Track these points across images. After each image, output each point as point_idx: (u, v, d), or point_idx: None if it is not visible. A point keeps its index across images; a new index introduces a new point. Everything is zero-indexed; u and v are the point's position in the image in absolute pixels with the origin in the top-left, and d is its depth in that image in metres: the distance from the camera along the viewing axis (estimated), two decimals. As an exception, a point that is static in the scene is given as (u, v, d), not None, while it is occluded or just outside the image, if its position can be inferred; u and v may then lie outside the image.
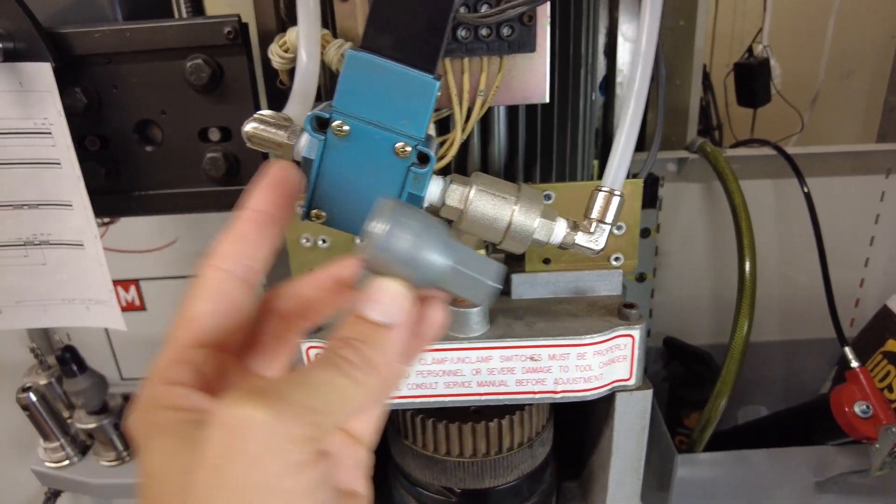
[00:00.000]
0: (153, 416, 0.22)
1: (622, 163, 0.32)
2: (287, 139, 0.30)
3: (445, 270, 0.24)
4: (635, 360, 0.39)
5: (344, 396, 0.21)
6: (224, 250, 0.25)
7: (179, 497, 0.19)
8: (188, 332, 0.24)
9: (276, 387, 0.20)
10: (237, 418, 0.19)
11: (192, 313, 0.24)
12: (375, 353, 0.22)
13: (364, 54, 0.27)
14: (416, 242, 0.23)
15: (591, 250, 0.32)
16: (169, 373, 0.23)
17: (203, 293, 0.24)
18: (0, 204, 0.50)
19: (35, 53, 0.46)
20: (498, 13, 0.31)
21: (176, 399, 0.22)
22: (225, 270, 0.24)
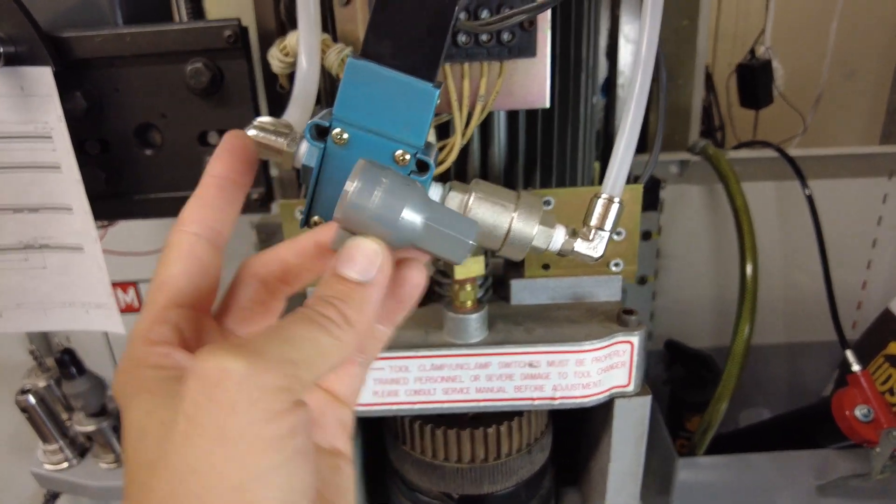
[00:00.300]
0: (136, 375, 0.22)
1: (622, 169, 0.32)
2: (287, 146, 0.29)
3: (420, 228, 0.24)
4: (634, 366, 0.39)
5: (321, 351, 0.21)
6: (190, 215, 0.26)
7: (158, 447, 0.20)
8: (164, 294, 0.24)
9: (253, 340, 0.20)
10: (213, 368, 0.19)
11: (166, 276, 0.25)
12: (352, 310, 0.22)
13: (364, 62, 0.27)
14: (389, 199, 0.23)
15: (591, 258, 0.32)
16: (149, 333, 0.23)
17: (174, 256, 0.25)
18: (1, 207, 0.50)
19: (36, 57, 0.46)
20: (500, 20, 0.31)
21: (156, 358, 0.23)
22: (193, 234, 0.25)
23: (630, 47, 0.67)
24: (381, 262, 0.23)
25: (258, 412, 0.19)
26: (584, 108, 0.48)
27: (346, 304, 0.22)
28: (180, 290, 0.24)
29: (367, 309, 0.23)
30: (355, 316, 0.22)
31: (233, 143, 0.27)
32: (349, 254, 0.23)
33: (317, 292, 0.23)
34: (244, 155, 0.27)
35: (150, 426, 0.20)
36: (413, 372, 0.38)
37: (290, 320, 0.22)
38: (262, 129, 0.30)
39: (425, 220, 0.24)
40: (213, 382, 0.19)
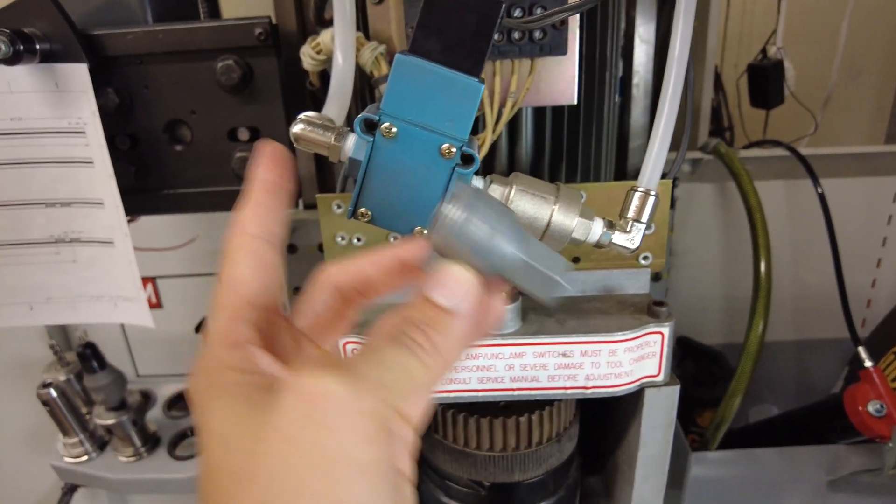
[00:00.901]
0: (217, 377, 0.22)
1: (657, 163, 0.33)
2: (334, 140, 0.30)
3: (516, 263, 0.24)
4: (664, 356, 0.40)
5: (411, 377, 0.21)
6: (247, 217, 0.26)
7: (248, 462, 0.19)
8: (237, 295, 0.24)
9: (351, 361, 0.21)
10: (314, 387, 0.19)
11: (235, 275, 0.24)
12: (442, 339, 0.22)
13: (413, 58, 0.28)
14: (486, 228, 0.23)
15: (628, 249, 0.32)
16: (229, 333, 0.23)
17: (240, 258, 0.25)
18: (33, 202, 0.51)
19: (70, 54, 0.46)
20: (544, 17, 0.32)
21: (240, 361, 0.22)
22: (254, 235, 0.25)
23: (644, 47, 0.68)
24: (473, 291, 0.23)
25: (356, 435, 0.19)
26: (608, 106, 0.49)
27: (436, 331, 0.22)
28: (253, 290, 0.24)
29: (455, 338, 0.23)
30: (444, 344, 0.22)
31: (271, 150, 0.27)
32: (441, 279, 0.23)
33: (406, 313, 0.23)
34: (284, 161, 0.27)
35: (236, 435, 0.20)
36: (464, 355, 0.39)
37: (383, 342, 0.22)
38: (309, 124, 0.31)
39: (520, 253, 0.24)
40: (312, 402, 0.19)
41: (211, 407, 0.21)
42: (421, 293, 0.23)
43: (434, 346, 0.22)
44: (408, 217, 0.30)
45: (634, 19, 0.70)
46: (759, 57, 0.90)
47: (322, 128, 0.31)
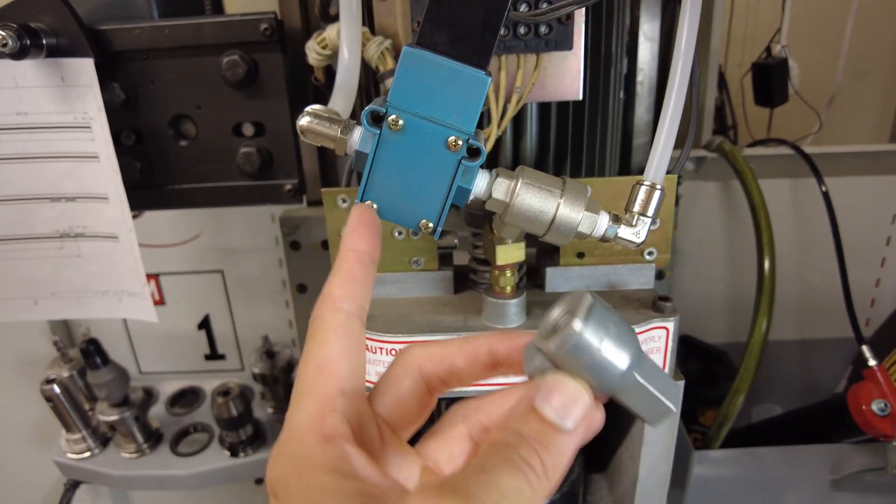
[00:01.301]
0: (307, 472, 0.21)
1: (663, 158, 0.33)
2: (340, 133, 0.30)
3: (630, 383, 0.22)
4: (669, 351, 0.40)
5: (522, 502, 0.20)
6: (340, 292, 0.24)
7: None
8: (328, 380, 0.23)
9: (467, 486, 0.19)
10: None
11: (326, 358, 0.23)
12: (553, 460, 0.21)
13: (420, 51, 0.28)
14: (613, 351, 0.21)
15: (633, 243, 0.32)
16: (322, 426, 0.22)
17: (333, 337, 0.23)
18: (39, 197, 0.51)
19: (77, 49, 0.47)
20: (550, 11, 0.32)
21: (336, 461, 0.21)
22: (345, 311, 0.24)
23: (648, 45, 0.68)
24: (586, 410, 0.22)
25: None
26: (612, 102, 0.49)
27: (548, 451, 0.21)
28: (345, 376, 0.23)
29: (564, 459, 0.21)
30: (553, 465, 0.21)
31: (366, 217, 0.26)
32: (553, 393, 0.22)
33: (514, 426, 0.22)
34: (376, 227, 0.26)
35: None
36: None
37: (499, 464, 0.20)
38: (315, 117, 0.31)
39: (637, 377, 0.22)
40: None
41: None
42: (531, 405, 0.22)
43: (544, 468, 0.21)
44: (413, 209, 0.30)
45: (639, 17, 0.70)
46: (764, 55, 0.90)
47: (329, 120, 0.31)
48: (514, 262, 0.38)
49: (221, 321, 0.92)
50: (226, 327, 0.92)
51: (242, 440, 0.81)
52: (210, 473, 0.81)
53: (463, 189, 0.30)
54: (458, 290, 0.45)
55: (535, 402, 0.22)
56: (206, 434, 0.85)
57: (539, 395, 0.22)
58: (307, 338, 0.24)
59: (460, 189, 0.30)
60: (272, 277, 0.88)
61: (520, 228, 0.33)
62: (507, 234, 0.35)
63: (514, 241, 0.37)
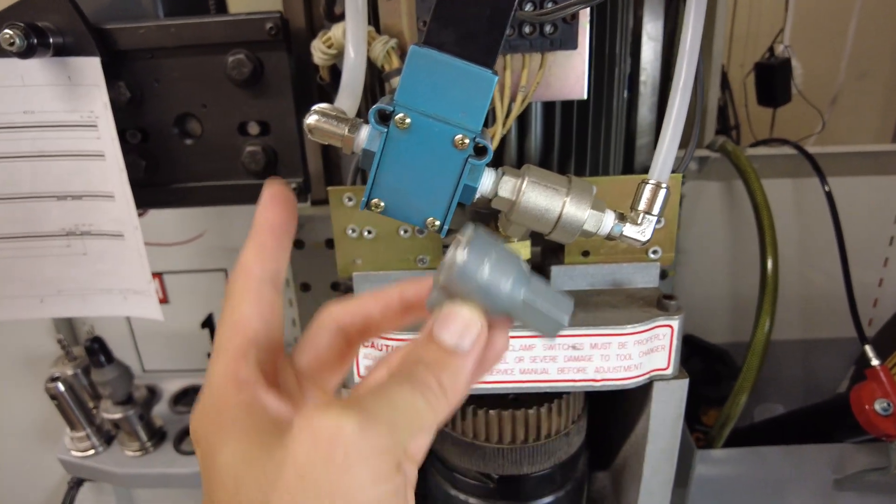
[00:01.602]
0: (224, 417, 0.22)
1: (668, 156, 0.33)
2: (347, 132, 0.31)
3: (519, 302, 0.24)
4: (673, 349, 0.40)
5: (419, 417, 0.22)
6: (250, 258, 0.26)
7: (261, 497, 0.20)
8: (240, 334, 0.24)
9: (362, 400, 0.21)
10: (328, 426, 0.19)
11: (238, 317, 0.25)
12: (449, 380, 0.23)
13: (427, 50, 0.28)
14: (495, 273, 0.24)
15: (639, 241, 0.33)
16: (234, 373, 0.23)
17: (243, 298, 0.25)
18: (45, 195, 0.51)
19: (83, 48, 0.47)
20: (556, 11, 0.32)
21: (247, 401, 0.23)
22: (256, 277, 0.26)
23: (652, 44, 0.68)
24: (479, 331, 0.24)
25: (369, 473, 0.19)
26: (617, 101, 0.49)
27: (443, 372, 0.23)
28: (256, 331, 0.25)
29: (461, 378, 0.24)
30: (451, 384, 0.23)
31: (278, 192, 0.27)
32: (448, 320, 0.24)
33: (414, 353, 0.24)
34: (288, 202, 0.28)
35: (250, 475, 0.20)
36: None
37: (395, 382, 0.22)
38: (323, 115, 0.31)
39: (526, 296, 0.25)
40: (327, 440, 0.19)
41: (219, 448, 0.22)
42: (429, 333, 0.24)
43: (441, 387, 0.23)
44: (420, 207, 0.30)
45: (642, 17, 0.70)
46: (767, 55, 0.90)
47: (336, 119, 0.31)
48: (519, 260, 0.39)
49: (225, 320, 0.92)
50: (229, 326, 0.92)
51: (245, 438, 0.82)
52: (213, 471, 0.81)
53: (469, 187, 0.31)
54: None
55: (433, 331, 0.24)
56: (209, 432, 0.85)
57: (436, 323, 0.24)
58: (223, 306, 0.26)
59: (467, 187, 0.31)
60: (275, 276, 0.88)
61: (526, 227, 0.33)
62: (513, 233, 0.35)
63: (520, 240, 0.38)
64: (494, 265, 0.24)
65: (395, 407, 0.21)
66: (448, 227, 0.31)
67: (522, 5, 0.38)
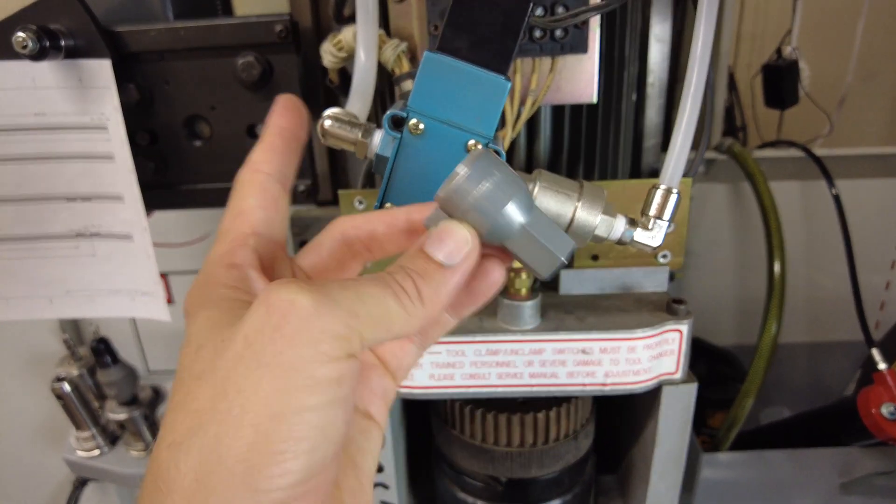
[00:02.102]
0: (207, 292, 0.23)
1: (679, 161, 0.33)
2: (361, 137, 0.31)
3: (516, 229, 0.24)
4: (682, 354, 0.40)
5: (386, 316, 0.21)
6: (260, 158, 0.27)
7: (211, 361, 0.20)
8: (242, 222, 0.25)
9: (326, 284, 0.21)
10: (283, 300, 0.19)
11: (243, 206, 0.25)
12: (428, 289, 0.22)
13: (441, 56, 0.28)
14: (495, 192, 0.23)
15: (650, 247, 0.33)
16: (230, 257, 0.24)
17: (249, 191, 0.26)
18: (55, 196, 0.51)
19: (94, 50, 0.47)
20: (569, 17, 0.32)
21: (232, 278, 0.23)
22: (264, 173, 0.26)
23: (659, 46, 0.68)
24: (469, 250, 0.23)
25: (315, 352, 0.19)
26: (625, 104, 0.49)
27: (425, 281, 0.23)
28: (257, 220, 0.25)
29: (443, 292, 0.23)
30: (430, 295, 0.22)
31: (286, 100, 0.28)
32: (440, 235, 0.23)
33: (399, 262, 0.23)
34: (298, 110, 0.28)
35: (209, 341, 0.21)
36: (469, 356, 0.39)
37: (367, 279, 0.22)
38: (337, 120, 0.31)
39: (524, 223, 0.24)
40: (279, 312, 0.19)
41: (195, 317, 0.22)
42: (419, 246, 0.24)
43: (418, 294, 0.22)
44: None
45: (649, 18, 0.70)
46: (774, 57, 0.90)
47: (349, 124, 0.31)
48: (529, 264, 0.39)
49: (230, 320, 0.92)
50: (234, 326, 0.93)
51: (250, 438, 0.82)
52: (219, 471, 0.81)
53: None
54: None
55: (423, 244, 0.23)
56: (215, 432, 0.86)
57: (428, 238, 0.24)
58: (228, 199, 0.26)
59: (479, 192, 0.30)
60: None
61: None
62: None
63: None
64: (496, 184, 0.23)
65: (361, 300, 0.21)
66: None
67: (534, 11, 0.38)
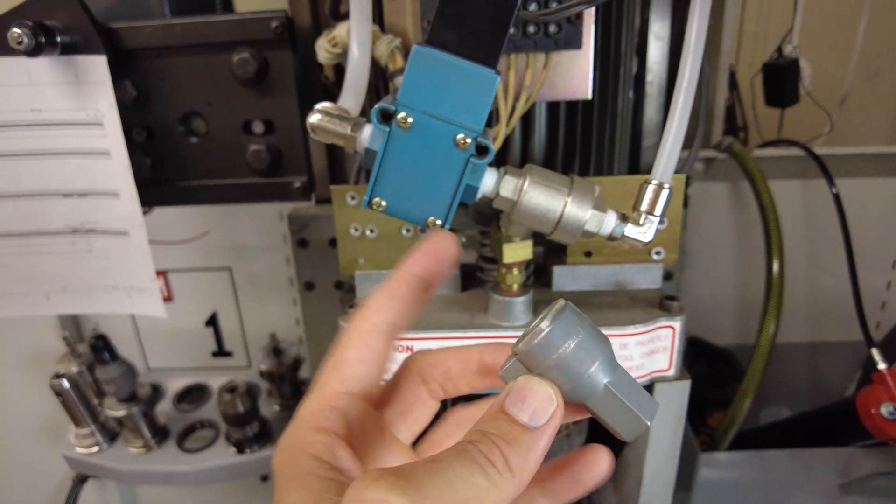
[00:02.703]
0: (296, 459, 0.23)
1: (671, 157, 0.33)
2: (350, 131, 0.31)
3: (600, 390, 0.23)
4: (675, 351, 0.40)
5: (478, 497, 0.20)
6: (376, 304, 0.26)
7: None
8: (338, 377, 0.25)
9: (414, 474, 0.20)
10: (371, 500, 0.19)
11: (342, 357, 0.25)
12: (517, 457, 0.21)
13: (430, 49, 0.28)
14: (580, 352, 0.22)
15: (641, 242, 0.32)
16: (320, 418, 0.24)
17: (353, 342, 0.26)
18: (51, 192, 0.51)
19: (90, 47, 0.47)
20: (560, 11, 0.32)
21: (320, 448, 0.23)
22: (373, 323, 0.26)
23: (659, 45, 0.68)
24: (555, 409, 0.22)
25: None
26: (622, 101, 0.49)
27: (511, 448, 0.21)
28: (353, 376, 0.25)
29: (532, 457, 0.21)
30: (518, 463, 0.21)
31: (436, 245, 0.27)
32: (522, 394, 0.22)
33: (480, 426, 0.22)
34: (444, 258, 0.27)
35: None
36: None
37: (453, 457, 0.20)
38: (326, 114, 0.31)
39: (609, 385, 0.23)
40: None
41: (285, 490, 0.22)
42: (499, 406, 0.22)
43: (507, 465, 0.21)
44: (422, 206, 0.30)
45: (649, 17, 0.70)
46: (775, 55, 0.90)
47: (339, 118, 0.31)
48: (521, 260, 0.38)
49: (229, 318, 0.93)
50: (233, 324, 0.93)
51: (248, 437, 0.82)
52: (215, 470, 0.81)
53: (471, 187, 0.31)
54: (465, 287, 0.46)
55: (504, 403, 0.22)
56: (213, 430, 0.86)
57: (508, 397, 0.22)
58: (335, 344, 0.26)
59: (468, 187, 0.30)
60: (280, 275, 0.89)
61: (527, 227, 0.33)
62: (515, 233, 0.35)
63: (522, 240, 0.37)
64: (581, 342, 0.22)
65: (451, 485, 0.19)
66: (450, 226, 0.31)
67: (526, 5, 0.38)
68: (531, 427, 0.22)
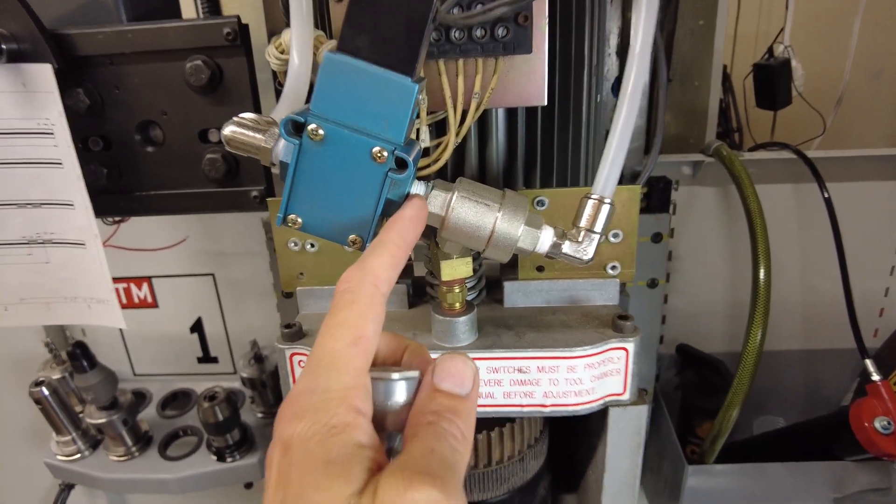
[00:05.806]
0: (337, 444, 0.22)
1: (613, 169, 0.31)
2: (265, 143, 0.29)
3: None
4: (629, 374, 0.38)
5: (458, 465, 0.23)
6: (384, 274, 0.26)
7: None
8: (361, 354, 0.25)
9: (429, 466, 0.22)
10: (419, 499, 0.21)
11: (366, 334, 0.25)
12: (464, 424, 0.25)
13: (341, 56, 0.27)
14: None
15: (580, 260, 0.30)
16: (353, 397, 0.24)
17: (371, 314, 0.26)
18: (5, 203, 0.51)
19: (38, 54, 0.46)
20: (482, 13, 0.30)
21: (361, 434, 0.23)
22: (383, 294, 0.26)
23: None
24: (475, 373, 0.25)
25: None
26: (588, 107, 0.47)
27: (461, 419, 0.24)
28: (372, 351, 0.26)
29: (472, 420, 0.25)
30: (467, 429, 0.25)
31: (419, 213, 0.28)
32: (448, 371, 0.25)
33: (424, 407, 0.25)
34: (423, 224, 0.29)
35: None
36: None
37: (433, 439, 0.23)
38: (240, 125, 0.30)
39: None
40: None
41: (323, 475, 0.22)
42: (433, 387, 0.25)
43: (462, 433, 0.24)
44: (341, 224, 0.29)
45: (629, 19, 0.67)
46: (766, 56, 0.87)
47: (254, 129, 0.30)
48: (460, 277, 0.37)
49: (213, 324, 0.92)
50: (218, 330, 0.92)
51: (230, 445, 0.81)
52: (197, 478, 0.80)
53: (393, 202, 0.29)
54: (415, 303, 0.44)
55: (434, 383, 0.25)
56: (196, 438, 0.85)
57: (435, 376, 0.25)
58: (340, 303, 0.26)
59: (390, 202, 0.29)
60: (262, 281, 0.87)
61: (459, 243, 0.31)
62: (450, 249, 0.33)
63: (460, 256, 0.36)
64: None
65: (450, 469, 0.23)
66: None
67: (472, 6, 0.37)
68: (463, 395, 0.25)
